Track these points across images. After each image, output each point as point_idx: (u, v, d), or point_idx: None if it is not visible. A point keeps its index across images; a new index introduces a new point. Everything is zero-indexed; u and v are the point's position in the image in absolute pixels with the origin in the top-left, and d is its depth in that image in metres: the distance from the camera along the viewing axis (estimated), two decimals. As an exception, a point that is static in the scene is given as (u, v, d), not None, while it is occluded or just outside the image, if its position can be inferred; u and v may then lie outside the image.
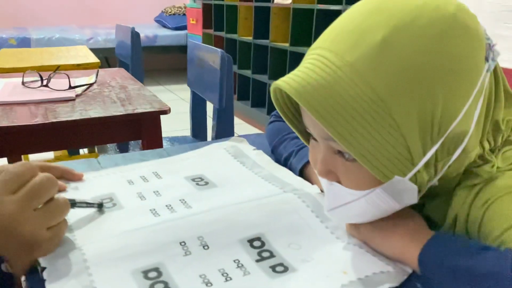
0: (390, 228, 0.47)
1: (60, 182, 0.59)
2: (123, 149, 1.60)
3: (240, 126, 3.14)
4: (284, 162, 0.70)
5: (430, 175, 0.44)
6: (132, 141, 1.58)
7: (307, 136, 0.51)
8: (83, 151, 2.22)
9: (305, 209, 0.54)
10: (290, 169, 0.68)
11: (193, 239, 0.48)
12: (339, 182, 0.46)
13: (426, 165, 0.43)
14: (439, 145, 0.42)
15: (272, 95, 0.49)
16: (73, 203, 0.50)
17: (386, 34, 0.40)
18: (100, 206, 0.55)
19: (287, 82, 0.42)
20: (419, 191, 0.44)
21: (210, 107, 1.54)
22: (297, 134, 0.52)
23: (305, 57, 0.47)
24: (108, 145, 1.59)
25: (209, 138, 1.68)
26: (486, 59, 0.43)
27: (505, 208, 0.43)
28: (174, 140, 1.60)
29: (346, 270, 0.44)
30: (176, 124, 2.33)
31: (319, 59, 0.43)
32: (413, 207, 0.48)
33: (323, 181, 0.48)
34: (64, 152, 2.10)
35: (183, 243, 0.48)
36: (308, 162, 0.65)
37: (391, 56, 0.39)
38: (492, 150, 0.47)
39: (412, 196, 0.44)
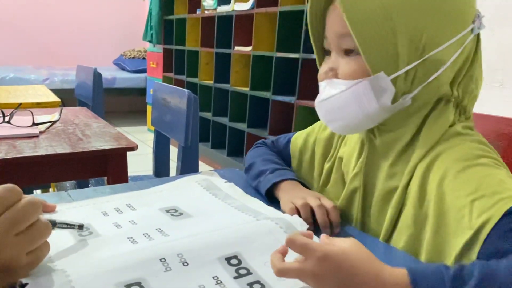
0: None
1: (50, 204, 0.60)
2: (83, 186, 1.57)
3: (200, 167, 3.15)
4: (258, 173, 0.75)
5: (407, 86, 0.56)
6: (93, 179, 1.56)
7: (321, 57, 0.65)
8: (35, 191, 2.13)
9: (279, 230, 0.57)
10: (264, 181, 0.73)
11: (173, 256, 0.50)
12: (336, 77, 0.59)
13: (406, 75, 0.55)
14: (420, 61, 0.55)
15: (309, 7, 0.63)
16: (53, 224, 0.51)
17: None
18: (81, 227, 0.56)
19: None
20: (395, 98, 0.56)
21: (172, 148, 1.56)
22: (314, 49, 0.66)
23: None
24: (67, 183, 1.55)
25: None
26: (473, 22, 0.56)
27: (464, 184, 0.51)
28: (136, 179, 1.59)
29: None
30: (136, 165, 2.31)
31: None
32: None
33: (322, 83, 0.62)
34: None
35: (163, 260, 0.49)
36: (283, 180, 0.71)
37: None
38: (457, 107, 0.59)
39: (388, 98, 0.56)
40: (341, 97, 0.58)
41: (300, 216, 0.62)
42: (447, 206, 0.53)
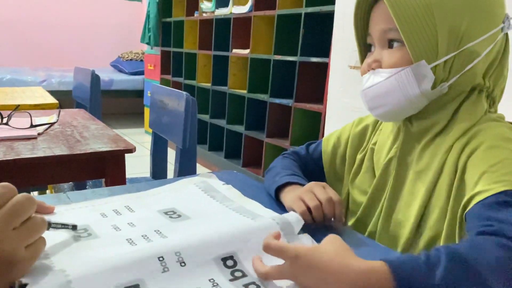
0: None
1: (48, 205, 0.61)
2: (81, 188, 1.56)
3: (198, 169, 3.15)
4: (275, 175, 0.77)
5: (445, 75, 0.62)
6: (91, 181, 1.56)
7: (363, 53, 0.72)
8: (32, 193, 2.13)
9: (275, 227, 0.58)
10: (278, 181, 0.75)
11: (170, 254, 0.50)
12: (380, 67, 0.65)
13: (445, 64, 0.62)
14: (457, 52, 0.61)
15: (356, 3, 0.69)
16: (48, 224, 0.51)
17: None
18: (74, 228, 0.56)
19: None
20: (434, 85, 0.62)
21: (169, 150, 1.56)
22: (357, 46, 0.72)
23: None
24: (64, 185, 1.55)
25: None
26: (503, 22, 0.63)
27: (485, 158, 0.57)
28: (134, 181, 1.59)
29: None
30: (133, 167, 2.30)
31: None
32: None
33: (367, 75, 0.67)
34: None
35: (161, 258, 0.50)
36: (292, 183, 0.72)
37: None
38: (487, 97, 0.65)
39: (428, 84, 0.62)
40: (385, 84, 0.64)
41: (311, 215, 0.64)
42: (466, 175, 0.59)
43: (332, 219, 0.66)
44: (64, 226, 0.55)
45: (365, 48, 0.72)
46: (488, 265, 0.44)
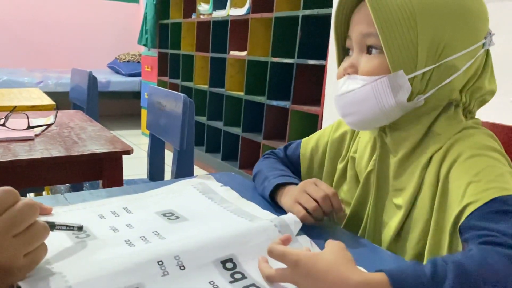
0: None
1: (46, 206, 0.60)
2: (78, 190, 1.56)
3: (195, 171, 3.15)
4: (263, 179, 0.77)
5: (422, 87, 0.60)
6: (88, 182, 1.55)
7: (342, 55, 0.69)
8: (29, 195, 2.12)
9: (273, 229, 0.59)
10: (268, 185, 0.74)
11: (170, 258, 0.50)
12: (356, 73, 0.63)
13: (422, 76, 0.60)
14: (436, 65, 0.59)
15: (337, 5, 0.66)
16: (53, 226, 0.51)
17: None
18: (80, 229, 0.56)
19: None
20: (410, 97, 0.60)
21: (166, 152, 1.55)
22: (335, 48, 0.70)
23: None
24: (61, 186, 1.55)
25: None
26: (485, 38, 0.62)
27: (467, 168, 0.56)
28: (131, 182, 1.59)
29: None
30: (130, 169, 2.31)
31: None
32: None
33: (342, 80, 0.65)
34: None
35: (160, 262, 0.50)
36: (287, 184, 0.72)
37: None
38: (464, 109, 0.63)
39: (405, 95, 0.60)
40: (360, 92, 0.62)
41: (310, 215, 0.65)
42: (450, 186, 0.58)
43: (334, 214, 0.66)
44: (69, 227, 0.55)
45: (343, 51, 0.70)
46: (500, 285, 0.42)
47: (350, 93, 0.63)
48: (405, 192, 0.64)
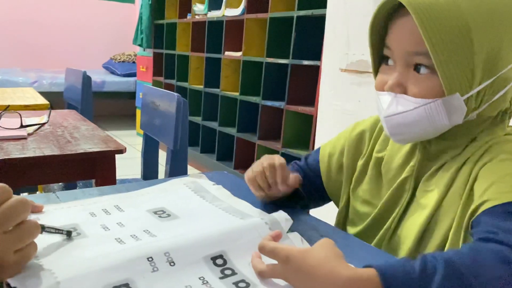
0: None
1: (37, 204, 0.60)
2: (71, 189, 1.55)
3: (190, 171, 3.15)
4: None
5: (476, 104, 0.58)
6: (81, 181, 1.55)
7: (377, 64, 0.65)
8: (22, 194, 2.11)
9: (264, 226, 0.59)
10: None
11: (160, 255, 0.50)
12: (405, 93, 0.59)
13: (477, 94, 0.57)
14: (491, 81, 0.56)
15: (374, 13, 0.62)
16: (42, 228, 0.51)
17: None
18: (69, 234, 0.56)
19: None
20: (465, 116, 0.57)
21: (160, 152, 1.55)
22: (371, 57, 0.65)
23: None
24: (54, 185, 1.55)
25: (160, 181, 1.68)
26: None
27: (496, 169, 0.55)
28: (125, 182, 1.59)
29: None
30: (124, 169, 2.30)
31: None
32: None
33: (388, 97, 0.60)
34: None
35: (150, 259, 0.50)
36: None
37: None
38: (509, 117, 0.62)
39: (459, 117, 0.58)
40: (412, 114, 0.59)
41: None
42: (475, 185, 0.57)
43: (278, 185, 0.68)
44: (58, 231, 0.55)
45: (380, 58, 0.65)
46: (489, 284, 0.43)
47: (401, 115, 0.60)
48: (433, 192, 0.62)
